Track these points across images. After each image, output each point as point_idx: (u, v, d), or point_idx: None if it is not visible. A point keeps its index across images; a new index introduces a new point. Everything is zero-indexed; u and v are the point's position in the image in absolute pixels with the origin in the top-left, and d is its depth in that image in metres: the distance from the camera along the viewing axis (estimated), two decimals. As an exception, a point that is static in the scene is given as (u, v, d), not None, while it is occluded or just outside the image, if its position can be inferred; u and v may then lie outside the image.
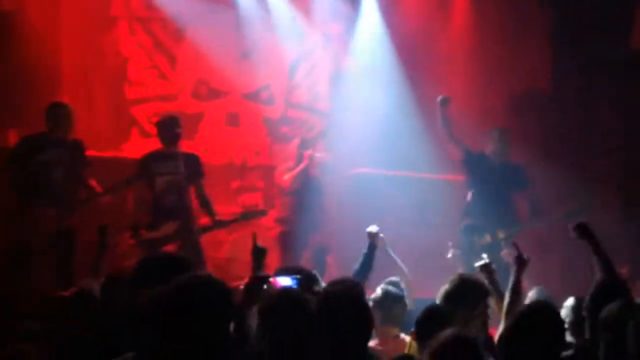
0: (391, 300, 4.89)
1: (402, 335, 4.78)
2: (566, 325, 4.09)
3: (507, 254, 4.99)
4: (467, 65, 9.52)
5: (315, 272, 4.33)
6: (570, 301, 4.50)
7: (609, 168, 8.95)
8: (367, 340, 3.10)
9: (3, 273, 6.73)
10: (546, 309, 3.29)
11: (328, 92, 9.88)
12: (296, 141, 8.11)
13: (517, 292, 4.47)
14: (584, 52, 8.82)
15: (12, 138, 7.52)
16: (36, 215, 6.59)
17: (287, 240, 8.04)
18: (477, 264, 4.76)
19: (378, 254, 5.44)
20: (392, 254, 5.76)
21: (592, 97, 9.00)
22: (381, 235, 5.68)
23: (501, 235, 6.97)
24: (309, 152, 7.83)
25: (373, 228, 5.48)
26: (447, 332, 3.09)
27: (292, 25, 9.67)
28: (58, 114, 6.79)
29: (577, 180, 8.44)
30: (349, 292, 3.13)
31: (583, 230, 4.53)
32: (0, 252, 6.87)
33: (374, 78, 9.50)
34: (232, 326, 3.42)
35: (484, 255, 4.81)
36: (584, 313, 3.87)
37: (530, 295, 5.16)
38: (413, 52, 9.53)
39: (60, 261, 6.67)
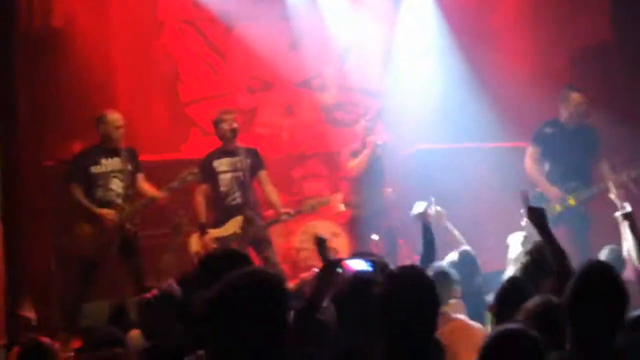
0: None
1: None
2: None
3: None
4: (523, 26, 9.27)
5: (385, 258, 4.27)
6: None
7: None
8: (433, 323, 2.92)
9: (76, 286, 6.83)
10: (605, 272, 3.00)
11: (382, 72, 9.76)
12: (362, 124, 7.87)
13: None
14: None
15: (78, 149, 7.63)
16: (100, 226, 6.65)
17: (355, 225, 7.98)
18: (619, 213, 4.64)
19: (438, 230, 5.32)
20: (451, 229, 5.64)
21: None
22: (439, 209, 5.57)
23: (572, 202, 6.79)
24: (371, 138, 7.60)
25: (418, 208, 5.30)
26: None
27: (339, 9, 9.59)
28: (106, 124, 6.82)
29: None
30: (412, 274, 3.01)
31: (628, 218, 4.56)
32: (71, 261, 6.98)
33: (428, 52, 9.34)
34: (301, 315, 3.39)
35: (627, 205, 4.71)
36: None
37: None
38: (466, 19, 9.32)
39: (130, 268, 6.75)
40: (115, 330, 3.89)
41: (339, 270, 3.62)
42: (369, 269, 3.69)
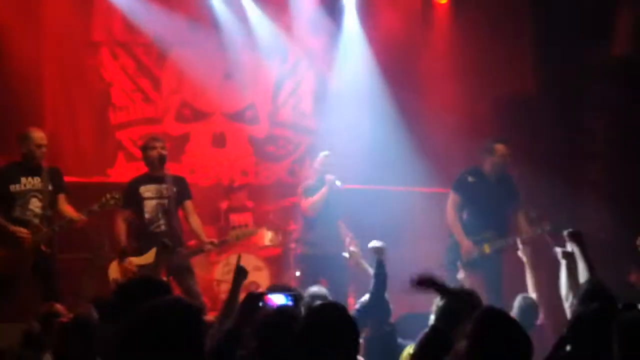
0: None
1: None
2: None
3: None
4: (451, 75, 9.56)
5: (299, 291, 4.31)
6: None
7: (597, 172, 8.99)
8: (352, 357, 3.00)
9: None
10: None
11: (313, 108, 9.89)
12: (320, 159, 7.53)
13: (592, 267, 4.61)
14: (567, 56, 8.87)
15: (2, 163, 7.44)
16: (14, 244, 6.51)
17: (280, 261, 8.01)
18: (560, 250, 4.82)
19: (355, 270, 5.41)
20: (366, 267, 5.74)
21: (576, 100, 9.05)
22: (352, 249, 5.65)
23: (487, 250, 6.94)
24: (329, 176, 7.31)
25: (376, 243, 5.41)
26: None
27: (274, 44, 9.69)
28: (28, 142, 6.69)
29: (565, 185, 8.48)
30: (331, 309, 3.08)
31: (576, 237, 4.70)
32: None
33: (358, 92, 9.52)
34: (225, 345, 3.40)
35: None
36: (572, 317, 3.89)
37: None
38: (396, 64, 9.57)
39: (44, 288, 6.58)
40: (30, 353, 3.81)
41: (261, 304, 3.66)
42: (290, 303, 3.75)
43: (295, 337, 3.06)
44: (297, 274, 7.59)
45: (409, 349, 4.34)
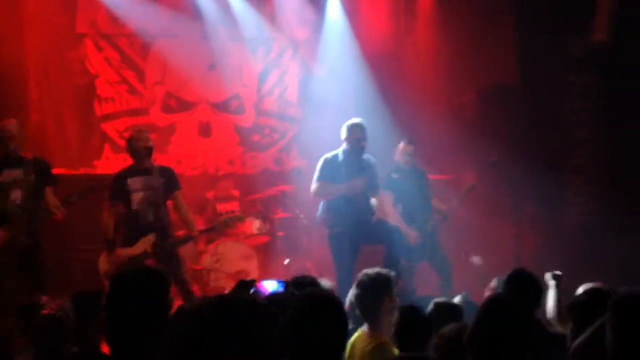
0: None
1: None
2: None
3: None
4: (434, 65, 9.63)
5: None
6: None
7: (580, 157, 9.10)
8: (341, 344, 3.01)
9: None
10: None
11: (298, 97, 9.94)
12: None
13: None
14: (548, 44, 8.95)
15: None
16: None
17: (269, 249, 8.05)
18: (549, 274, 4.93)
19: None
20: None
21: (558, 88, 9.14)
22: None
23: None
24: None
25: None
26: None
27: (258, 34, 9.72)
28: (5, 134, 6.68)
29: (547, 171, 8.59)
30: (321, 296, 3.11)
31: (557, 278, 4.87)
32: None
33: (343, 81, 9.57)
34: None
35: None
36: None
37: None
38: (380, 54, 9.62)
39: (29, 279, 6.60)
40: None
41: (252, 290, 3.66)
42: (281, 289, 3.75)
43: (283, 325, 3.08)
44: (286, 261, 7.63)
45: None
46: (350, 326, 4.89)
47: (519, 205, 8.74)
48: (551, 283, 4.85)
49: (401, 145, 7.64)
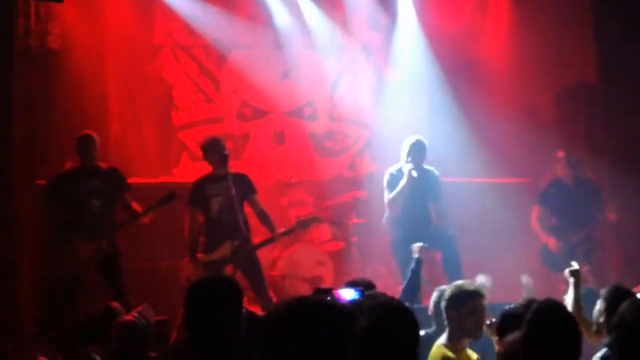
0: None
1: None
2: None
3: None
4: (510, 65, 9.48)
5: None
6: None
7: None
8: (413, 354, 2.91)
9: (53, 303, 6.93)
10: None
11: (371, 103, 9.94)
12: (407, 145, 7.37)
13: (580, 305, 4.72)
14: (629, 43, 8.71)
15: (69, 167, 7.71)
16: (75, 245, 6.76)
17: (344, 255, 8.07)
18: (568, 270, 4.89)
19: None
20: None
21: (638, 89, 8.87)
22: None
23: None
24: (407, 166, 7.22)
25: (419, 244, 5.58)
26: None
27: (331, 40, 9.77)
28: (85, 145, 6.95)
29: (627, 173, 8.36)
30: (393, 305, 3.06)
31: (575, 274, 4.80)
32: (47, 284, 7.07)
33: (416, 85, 9.53)
34: None
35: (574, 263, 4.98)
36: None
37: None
38: (454, 56, 9.53)
39: (111, 285, 6.83)
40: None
41: (329, 299, 3.64)
42: (357, 297, 3.71)
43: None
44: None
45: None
46: (433, 328, 4.91)
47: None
48: (571, 280, 4.77)
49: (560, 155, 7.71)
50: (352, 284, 3.92)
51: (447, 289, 4.59)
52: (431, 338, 4.65)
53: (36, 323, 7.27)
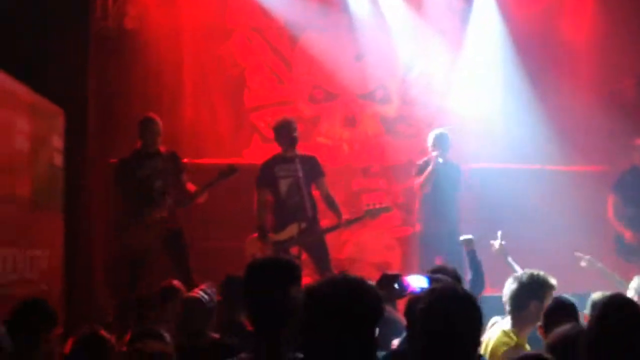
0: None
1: None
2: None
3: None
4: (588, 49, 9.17)
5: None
6: None
7: None
8: (473, 340, 2.84)
9: (119, 282, 7.08)
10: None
11: (444, 87, 9.77)
12: (432, 136, 7.73)
13: None
14: None
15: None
16: (146, 223, 6.90)
17: (412, 240, 8.02)
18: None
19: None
20: (512, 263, 5.70)
21: None
22: (502, 243, 5.69)
23: None
24: (434, 154, 7.54)
25: (465, 236, 5.62)
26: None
27: (405, 24, 9.64)
28: (147, 128, 7.12)
29: None
30: (452, 290, 2.98)
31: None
32: (120, 260, 7.22)
33: (492, 69, 9.32)
34: None
35: None
36: None
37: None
38: (532, 38, 9.27)
39: (176, 262, 6.97)
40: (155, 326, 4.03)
41: (396, 285, 3.56)
42: (427, 284, 3.60)
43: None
44: None
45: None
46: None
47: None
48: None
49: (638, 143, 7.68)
50: (438, 272, 3.83)
51: (526, 278, 4.49)
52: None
53: (106, 298, 7.47)
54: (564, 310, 3.91)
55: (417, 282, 3.56)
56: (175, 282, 5.36)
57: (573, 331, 3.26)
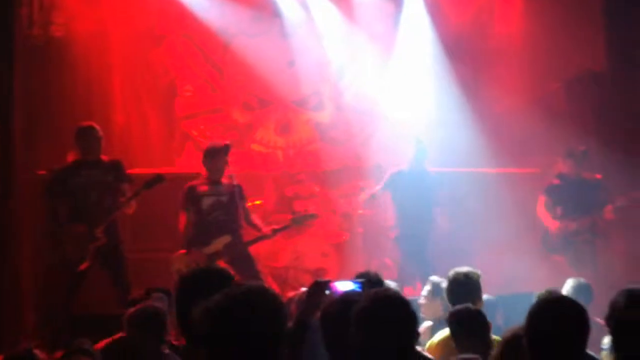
0: None
1: None
2: None
3: None
4: (517, 54, 9.36)
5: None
6: None
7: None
8: (411, 340, 2.99)
9: (52, 292, 6.91)
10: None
11: (377, 92, 9.83)
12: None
13: None
14: (638, 31, 8.58)
15: (72, 159, 7.67)
16: (75, 236, 6.72)
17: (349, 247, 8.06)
18: None
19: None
20: None
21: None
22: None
23: None
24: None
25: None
26: None
27: (337, 29, 9.67)
28: (88, 136, 6.91)
29: (637, 166, 8.23)
30: (386, 292, 3.07)
31: None
32: (49, 275, 7.05)
33: (422, 74, 9.42)
34: (293, 336, 3.40)
35: None
36: None
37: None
38: (460, 45, 9.41)
39: (113, 278, 6.81)
40: (85, 340, 3.95)
41: (327, 291, 3.61)
42: (357, 289, 3.67)
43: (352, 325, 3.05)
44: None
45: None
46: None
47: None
48: None
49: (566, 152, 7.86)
50: (361, 277, 3.87)
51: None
52: None
53: (37, 313, 7.27)
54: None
55: (346, 287, 3.63)
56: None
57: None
